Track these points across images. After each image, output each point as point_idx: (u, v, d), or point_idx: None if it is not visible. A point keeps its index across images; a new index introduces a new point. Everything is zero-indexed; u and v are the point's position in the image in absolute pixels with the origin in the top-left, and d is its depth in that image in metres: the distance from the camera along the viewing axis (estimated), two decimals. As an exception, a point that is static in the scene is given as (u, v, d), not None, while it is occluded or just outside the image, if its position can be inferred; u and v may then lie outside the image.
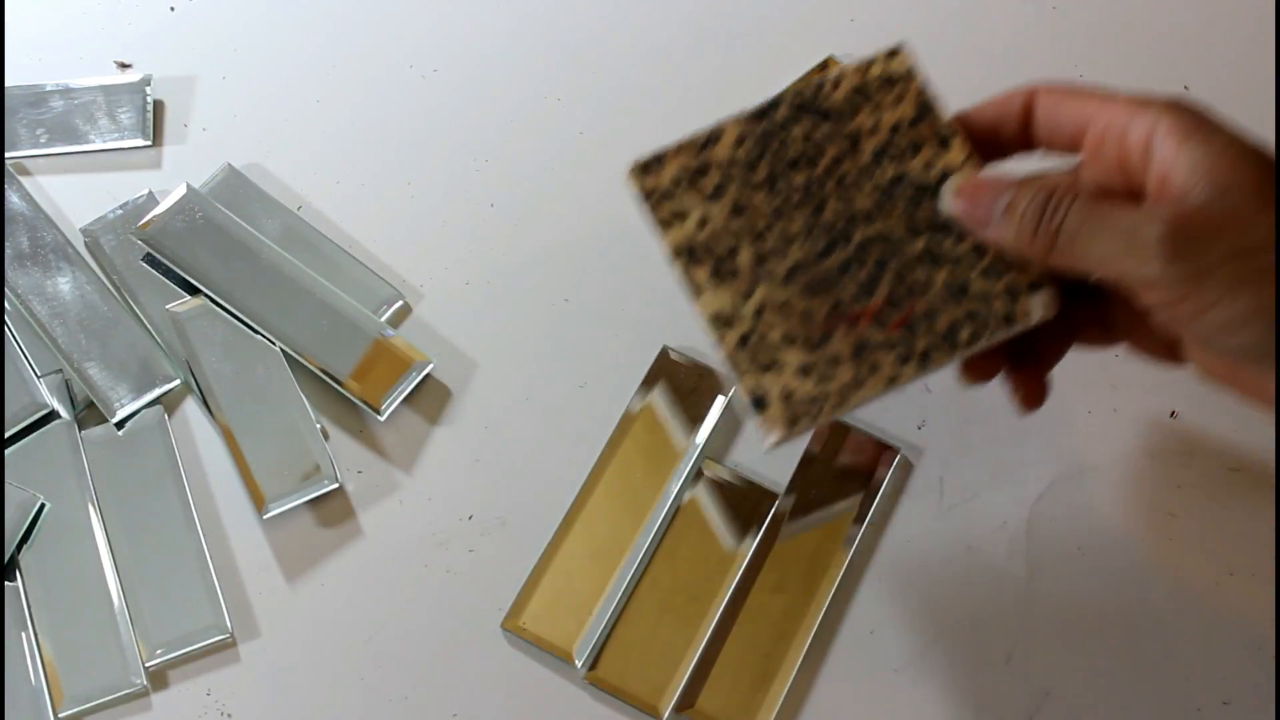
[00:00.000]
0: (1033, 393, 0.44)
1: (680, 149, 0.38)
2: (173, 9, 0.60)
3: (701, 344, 0.52)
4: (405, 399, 0.50)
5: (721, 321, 0.37)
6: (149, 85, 0.57)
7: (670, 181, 0.38)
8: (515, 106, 0.58)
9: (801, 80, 0.42)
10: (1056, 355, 0.46)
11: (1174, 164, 0.38)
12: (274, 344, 0.50)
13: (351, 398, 0.50)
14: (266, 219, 0.54)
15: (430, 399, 0.51)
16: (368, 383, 0.50)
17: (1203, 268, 0.37)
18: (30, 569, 0.47)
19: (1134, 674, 0.46)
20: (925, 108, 0.40)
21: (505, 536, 0.48)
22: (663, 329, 0.52)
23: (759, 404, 0.36)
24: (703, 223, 0.37)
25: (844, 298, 0.37)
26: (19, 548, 0.47)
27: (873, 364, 0.37)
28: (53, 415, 0.49)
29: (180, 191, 0.53)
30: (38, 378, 0.50)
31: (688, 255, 0.37)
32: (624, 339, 0.52)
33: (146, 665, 0.45)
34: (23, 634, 0.45)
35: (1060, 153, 0.43)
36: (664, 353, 0.51)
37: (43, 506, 0.47)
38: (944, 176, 0.39)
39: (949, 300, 0.37)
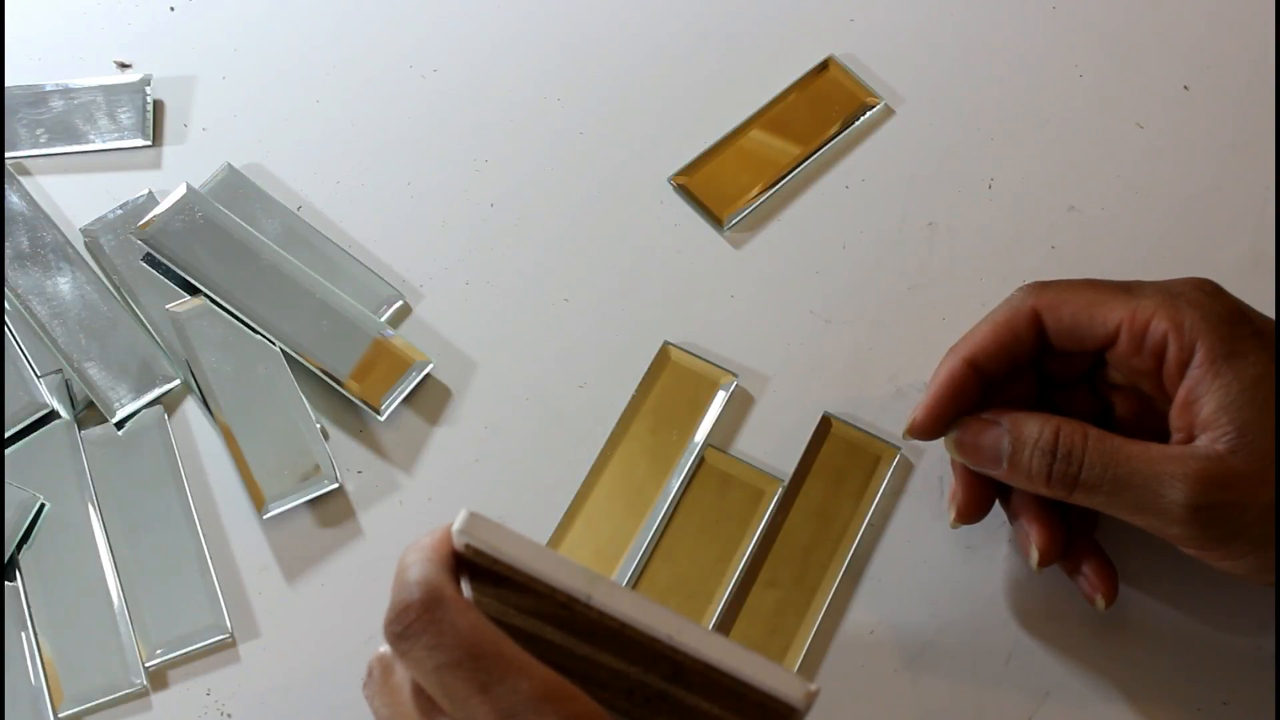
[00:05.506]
0: (1109, 586, 0.44)
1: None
2: (173, 9, 0.60)
3: (703, 340, 0.52)
4: (405, 399, 0.50)
5: None
6: (149, 85, 0.57)
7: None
8: (515, 106, 0.58)
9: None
10: (1090, 529, 0.46)
11: (1204, 396, 0.39)
12: (274, 344, 0.50)
13: (351, 398, 0.50)
14: (266, 219, 0.54)
15: (430, 399, 0.51)
16: (368, 383, 0.50)
17: (1231, 532, 0.39)
18: (30, 569, 0.47)
19: (1134, 674, 0.46)
20: None
21: (505, 536, 0.48)
22: (663, 329, 0.52)
23: None
24: None
25: None
26: (19, 548, 0.47)
27: None
28: (53, 415, 0.49)
29: (180, 191, 0.53)
30: (38, 378, 0.50)
31: None
32: (624, 339, 0.52)
33: (146, 665, 0.45)
34: (23, 634, 0.45)
35: (1088, 353, 0.43)
36: (664, 348, 0.51)
37: (43, 506, 0.47)
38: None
39: None
